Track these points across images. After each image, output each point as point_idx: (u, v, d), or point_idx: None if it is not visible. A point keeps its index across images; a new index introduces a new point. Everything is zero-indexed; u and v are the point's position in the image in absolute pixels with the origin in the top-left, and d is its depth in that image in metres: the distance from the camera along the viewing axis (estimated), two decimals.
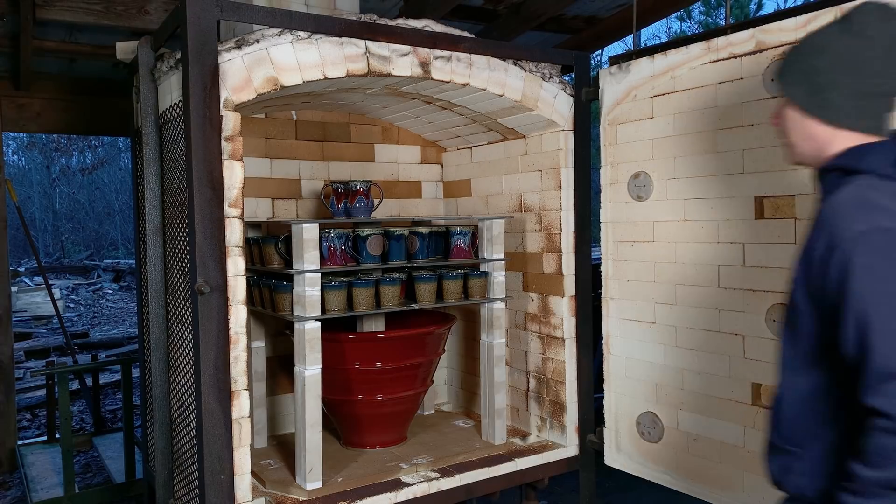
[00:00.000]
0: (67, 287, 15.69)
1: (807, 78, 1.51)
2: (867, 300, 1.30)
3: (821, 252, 1.38)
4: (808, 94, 1.51)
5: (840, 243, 1.34)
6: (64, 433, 3.98)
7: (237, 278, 2.39)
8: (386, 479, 2.90)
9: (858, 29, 1.45)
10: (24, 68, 4.67)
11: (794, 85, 1.54)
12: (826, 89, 1.48)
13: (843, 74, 1.46)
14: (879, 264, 1.30)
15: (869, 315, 1.29)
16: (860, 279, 1.31)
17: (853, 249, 1.32)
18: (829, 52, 1.48)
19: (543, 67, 3.07)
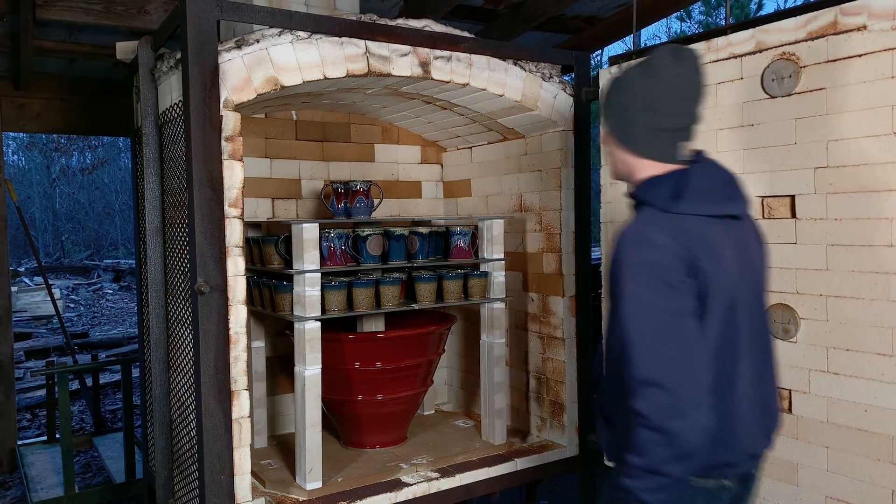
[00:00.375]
0: (67, 287, 15.69)
1: (616, 113, 1.74)
2: (629, 320, 1.56)
3: (610, 274, 1.64)
4: (618, 127, 1.75)
5: (620, 272, 1.59)
6: (64, 433, 3.98)
7: (237, 278, 2.39)
8: (386, 479, 2.90)
9: (655, 72, 1.67)
10: (24, 68, 4.67)
11: (608, 118, 1.77)
12: (629, 124, 1.72)
13: (642, 112, 1.69)
14: (641, 291, 1.56)
15: (630, 332, 1.55)
16: (625, 302, 1.57)
17: (626, 277, 1.57)
18: (632, 92, 1.70)
19: (543, 67, 3.07)
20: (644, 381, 1.53)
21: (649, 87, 1.67)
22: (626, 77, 1.72)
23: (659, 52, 1.68)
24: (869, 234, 2.15)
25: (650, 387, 1.52)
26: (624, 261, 1.59)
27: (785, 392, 2.40)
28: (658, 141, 1.70)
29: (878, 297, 2.14)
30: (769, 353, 1.79)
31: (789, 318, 2.37)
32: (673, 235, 1.59)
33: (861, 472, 2.21)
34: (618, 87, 1.74)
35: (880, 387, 2.15)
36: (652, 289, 1.55)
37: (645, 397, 1.52)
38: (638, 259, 1.57)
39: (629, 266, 1.58)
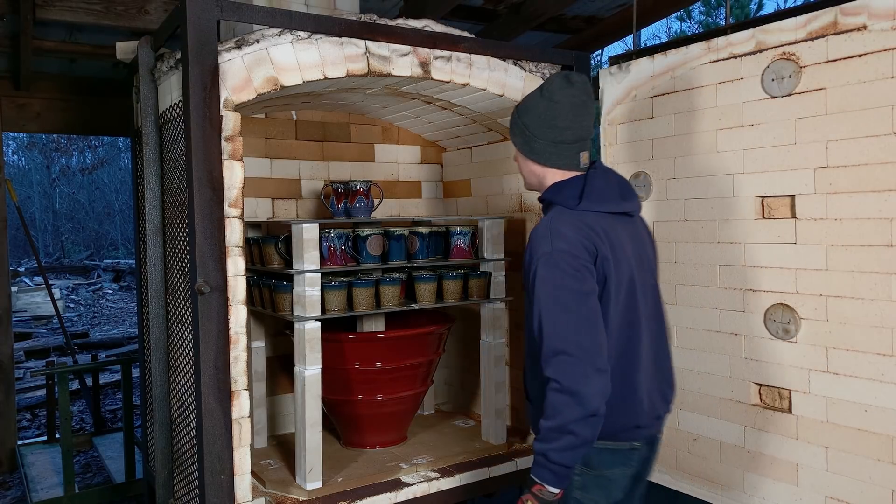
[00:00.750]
0: (67, 287, 15.69)
1: (521, 132, 2.02)
2: (542, 300, 1.80)
3: (526, 265, 1.89)
4: (524, 143, 2.02)
5: (533, 260, 1.85)
6: (64, 433, 3.98)
7: (237, 278, 2.39)
8: (386, 479, 2.90)
9: (549, 95, 1.95)
10: (24, 68, 4.67)
11: (515, 136, 2.04)
12: (533, 140, 1.99)
13: (542, 129, 1.97)
14: (552, 275, 1.80)
15: (542, 310, 1.79)
16: (539, 285, 1.81)
17: (538, 265, 1.82)
18: (532, 113, 1.98)
19: (543, 67, 3.07)
20: (555, 351, 1.76)
21: (547, 107, 1.95)
22: (527, 101, 2.01)
23: (552, 77, 1.98)
24: (869, 234, 2.15)
25: (560, 355, 1.75)
26: (536, 251, 1.85)
27: (785, 392, 2.40)
28: (559, 152, 1.97)
29: (878, 297, 2.14)
30: (664, 331, 2.09)
31: (789, 318, 2.37)
32: (578, 228, 1.87)
33: (861, 472, 2.21)
34: (521, 110, 2.02)
35: (880, 387, 2.15)
36: (561, 273, 1.81)
37: (555, 364, 1.75)
38: (548, 248, 1.83)
39: (541, 255, 1.83)
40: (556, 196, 1.97)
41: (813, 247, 2.30)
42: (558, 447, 1.74)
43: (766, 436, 2.47)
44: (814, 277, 2.30)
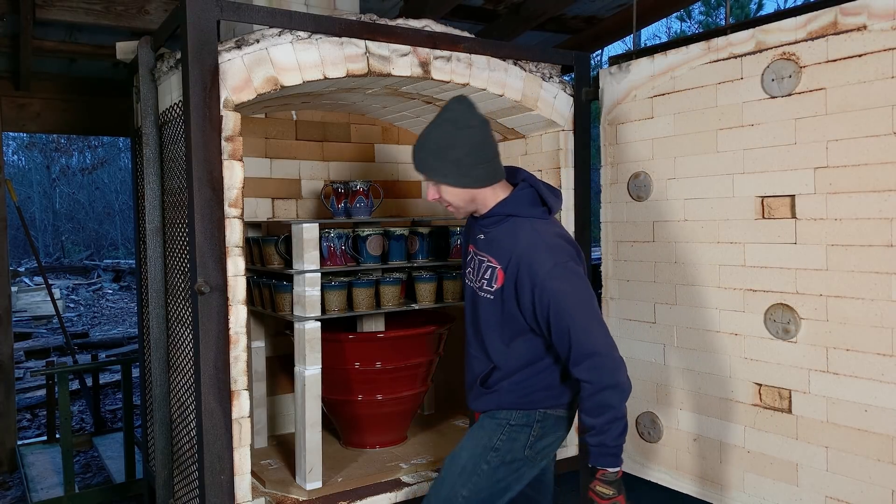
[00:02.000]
0: (67, 287, 15.68)
1: (455, 168, 2.06)
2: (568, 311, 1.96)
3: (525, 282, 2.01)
4: (462, 176, 2.07)
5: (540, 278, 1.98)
6: (64, 433, 3.98)
7: (237, 278, 2.39)
8: (386, 479, 2.90)
9: (465, 123, 2.05)
10: (24, 68, 4.67)
11: (447, 175, 2.08)
12: (472, 169, 2.06)
13: (477, 155, 2.05)
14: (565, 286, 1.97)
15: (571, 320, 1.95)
16: (559, 298, 1.96)
17: (549, 280, 1.97)
18: (460, 146, 2.04)
19: (543, 67, 3.07)
20: (588, 353, 1.94)
21: (470, 135, 2.04)
22: (445, 139, 2.05)
23: (452, 107, 2.07)
24: (869, 234, 2.15)
25: (594, 356, 1.94)
26: (539, 266, 1.98)
27: (785, 392, 2.40)
28: (493, 168, 2.10)
29: (878, 297, 2.14)
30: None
31: (789, 318, 2.38)
32: (562, 237, 2.08)
33: (861, 472, 2.21)
34: (444, 149, 2.05)
35: (880, 387, 2.15)
36: (572, 283, 1.99)
37: (591, 366, 1.94)
38: (552, 262, 1.98)
39: (549, 270, 1.97)
40: (521, 209, 2.10)
41: (813, 247, 2.30)
42: (614, 434, 1.95)
43: (766, 436, 2.47)
44: (814, 277, 2.30)
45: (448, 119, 2.06)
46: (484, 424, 2.20)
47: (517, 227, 2.08)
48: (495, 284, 2.09)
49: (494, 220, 2.13)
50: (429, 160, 2.09)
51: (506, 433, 2.14)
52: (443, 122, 2.07)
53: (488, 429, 2.17)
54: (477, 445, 2.16)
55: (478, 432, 2.19)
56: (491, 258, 2.12)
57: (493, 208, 2.13)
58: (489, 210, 2.13)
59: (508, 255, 2.06)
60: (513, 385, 2.14)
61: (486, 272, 2.13)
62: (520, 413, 2.15)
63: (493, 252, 2.12)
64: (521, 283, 2.02)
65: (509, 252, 2.06)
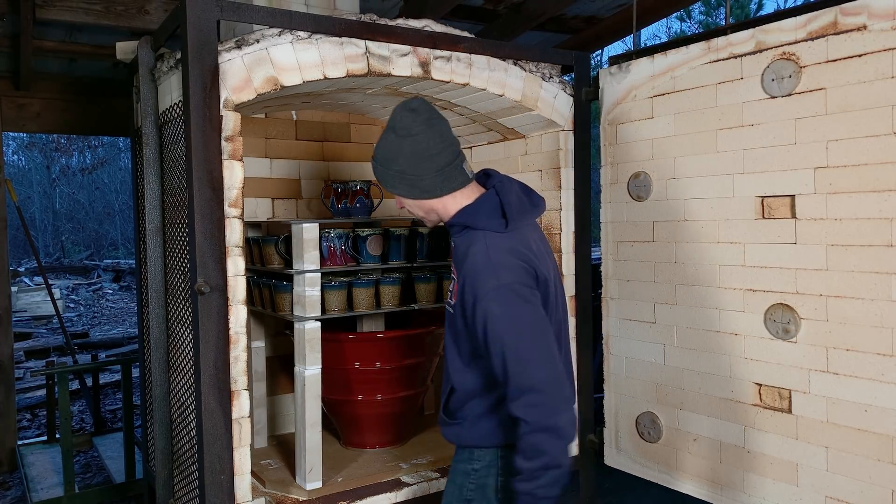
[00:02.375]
0: (67, 287, 15.68)
1: (400, 179, 1.93)
2: (501, 338, 1.76)
3: (469, 300, 1.83)
4: (410, 188, 1.93)
5: (479, 298, 1.79)
6: (64, 433, 3.98)
7: (237, 278, 2.39)
8: (386, 479, 2.90)
9: (406, 132, 1.89)
10: (24, 68, 4.67)
11: (396, 187, 1.95)
12: (419, 180, 1.91)
13: (419, 165, 1.89)
14: (505, 311, 1.77)
15: (504, 349, 1.75)
16: (494, 323, 1.77)
17: (488, 301, 1.78)
18: (401, 156, 1.90)
19: (543, 67, 3.07)
20: (523, 389, 1.73)
21: (413, 144, 1.89)
22: (386, 151, 1.92)
23: (395, 115, 1.93)
24: (869, 234, 2.15)
25: (530, 393, 1.73)
26: (480, 286, 1.80)
27: (785, 392, 2.40)
28: (447, 176, 1.92)
29: (878, 297, 2.14)
30: (568, 332, 2.11)
31: (789, 318, 2.38)
32: (516, 254, 1.85)
33: (861, 472, 2.21)
34: (386, 161, 1.93)
35: (880, 387, 2.15)
36: (514, 307, 1.78)
37: (527, 403, 1.73)
38: (494, 283, 1.79)
39: (488, 290, 1.79)
40: (476, 222, 1.91)
41: (813, 247, 2.30)
42: (545, 483, 1.74)
43: (766, 436, 2.47)
44: (814, 277, 2.30)
45: (391, 128, 1.93)
46: (453, 477, 2.09)
47: (471, 240, 1.91)
48: (453, 298, 1.96)
49: (455, 230, 1.98)
50: (378, 172, 1.98)
51: (473, 482, 2.02)
52: (387, 131, 1.94)
53: (457, 482, 2.06)
54: (451, 500, 2.06)
55: (450, 487, 2.09)
56: (454, 269, 1.99)
57: (452, 218, 1.97)
58: (450, 219, 1.99)
59: (460, 269, 1.91)
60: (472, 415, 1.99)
61: (451, 284, 2.02)
62: (481, 452, 2.00)
63: (455, 263, 1.98)
64: (466, 301, 1.85)
65: (461, 266, 1.91)
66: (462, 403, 1.99)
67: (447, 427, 2.06)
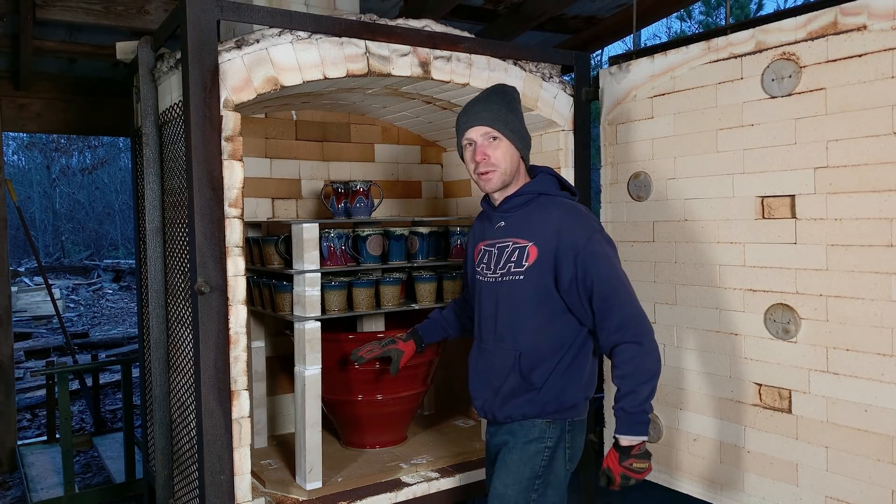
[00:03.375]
0: (67, 287, 15.68)
1: (521, 125, 2.17)
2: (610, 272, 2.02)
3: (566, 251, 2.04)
4: (521, 136, 2.16)
5: (584, 243, 2.03)
6: (64, 433, 3.98)
7: (237, 278, 2.39)
8: (386, 479, 2.90)
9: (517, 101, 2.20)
10: (24, 68, 4.67)
11: (514, 129, 2.14)
12: (526, 135, 2.19)
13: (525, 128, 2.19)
14: (607, 251, 2.06)
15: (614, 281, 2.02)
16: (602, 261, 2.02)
17: (593, 243, 2.03)
18: (519, 113, 2.18)
19: (543, 67, 3.07)
20: (633, 316, 2.00)
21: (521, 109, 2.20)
22: (507, 101, 2.14)
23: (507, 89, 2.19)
24: (869, 234, 2.15)
25: (638, 317, 2.00)
26: (582, 230, 2.05)
27: (785, 392, 2.40)
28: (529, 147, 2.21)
29: (878, 297, 2.14)
30: None
31: (789, 318, 2.38)
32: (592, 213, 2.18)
33: (861, 472, 2.21)
34: (515, 103, 2.17)
35: (880, 387, 2.15)
36: (612, 249, 2.10)
37: (637, 326, 1.99)
38: (594, 228, 2.08)
39: (591, 234, 2.05)
40: (551, 189, 2.18)
41: (813, 247, 2.30)
42: (650, 399, 1.98)
43: (766, 436, 2.47)
44: (814, 277, 2.30)
45: (501, 92, 2.17)
46: (517, 451, 2.14)
47: (549, 204, 2.13)
48: (526, 263, 2.08)
49: (522, 200, 2.15)
50: (501, 112, 2.12)
51: (545, 458, 2.12)
52: (498, 92, 2.17)
53: (526, 457, 2.13)
54: (520, 478, 2.11)
55: (515, 464, 2.13)
56: (517, 239, 2.12)
57: (521, 187, 2.16)
58: (518, 189, 2.16)
59: (542, 230, 2.08)
60: (546, 378, 2.10)
61: (513, 254, 2.12)
62: (553, 427, 2.12)
63: (519, 233, 2.13)
64: (562, 253, 2.03)
65: (544, 227, 2.08)
66: (536, 365, 2.11)
67: (519, 397, 2.12)
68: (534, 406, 2.12)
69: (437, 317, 2.67)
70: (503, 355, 2.14)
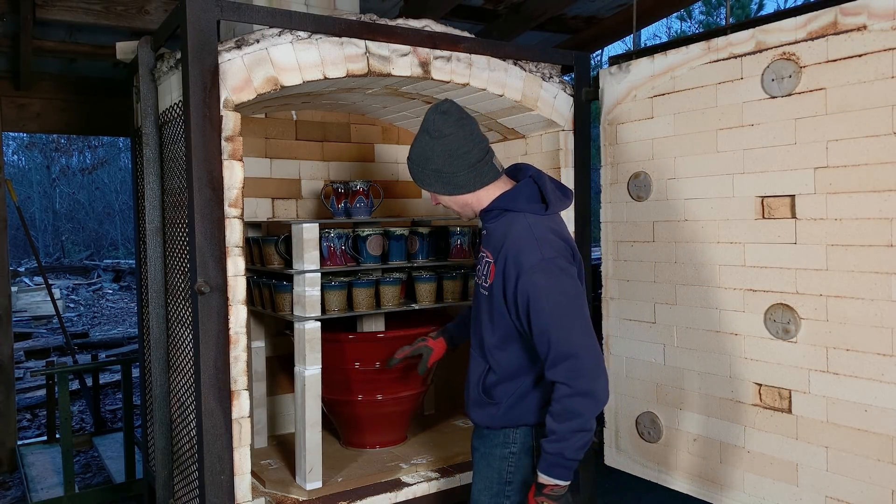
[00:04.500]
0: (67, 287, 15.68)
1: (437, 178, 2.08)
2: (546, 307, 1.89)
3: (511, 276, 1.96)
4: (444, 184, 2.08)
5: (524, 271, 1.93)
6: (64, 433, 3.98)
7: (237, 278, 2.39)
8: (386, 479, 2.90)
9: (438, 133, 2.03)
10: (24, 68, 4.67)
11: (432, 186, 2.10)
12: (453, 177, 2.06)
13: (455, 163, 2.04)
14: (549, 282, 1.91)
15: (548, 318, 1.89)
16: (539, 293, 1.90)
17: (533, 273, 1.92)
18: (436, 156, 2.05)
19: (543, 67, 3.07)
20: (565, 355, 1.86)
21: (445, 144, 2.03)
22: (421, 152, 2.06)
23: (427, 117, 2.06)
24: (869, 234, 2.15)
25: (570, 359, 1.86)
26: (525, 259, 1.94)
27: (785, 392, 2.40)
28: (480, 171, 2.07)
29: (878, 297, 2.14)
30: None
31: (789, 318, 2.37)
32: (554, 232, 2.03)
33: (861, 472, 2.21)
34: (421, 162, 2.08)
35: (880, 387, 2.15)
36: (557, 279, 1.92)
37: (567, 368, 1.86)
38: (539, 256, 1.94)
39: (534, 263, 1.93)
40: (517, 204, 2.06)
41: (813, 247, 2.30)
42: (574, 445, 1.87)
43: (766, 436, 2.47)
44: (814, 277, 2.30)
45: (424, 130, 2.07)
46: (488, 461, 2.19)
47: (511, 221, 2.06)
48: (489, 280, 2.08)
49: (493, 215, 2.11)
50: (414, 171, 2.13)
51: (512, 463, 2.13)
52: (421, 133, 2.08)
53: (494, 464, 2.17)
54: (491, 484, 2.16)
55: (485, 470, 2.19)
56: (488, 253, 2.11)
57: (492, 202, 2.11)
58: (489, 203, 2.12)
59: (499, 248, 2.04)
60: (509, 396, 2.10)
61: (485, 267, 2.12)
62: (516, 433, 2.13)
63: (489, 247, 2.11)
64: (508, 276, 1.98)
65: (500, 245, 2.04)
66: (498, 383, 2.10)
67: (482, 408, 2.15)
68: (493, 419, 2.14)
69: (467, 314, 2.63)
70: (476, 364, 2.18)
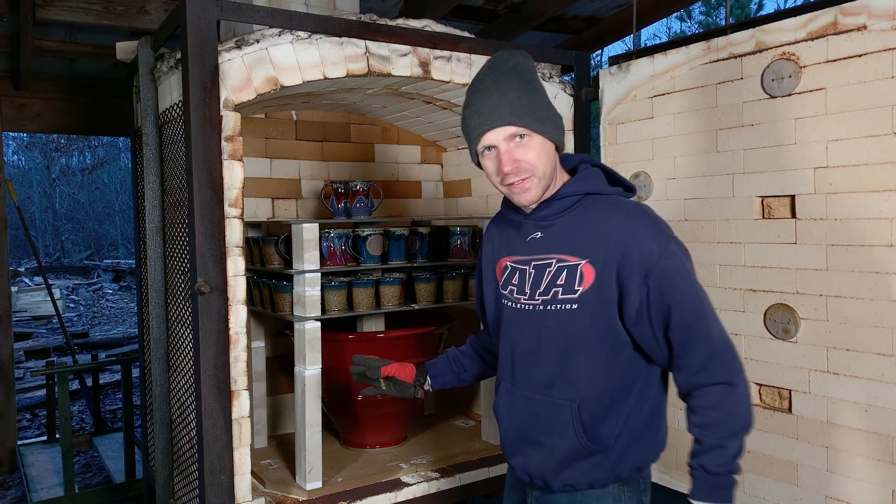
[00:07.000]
0: (67, 287, 15.68)
1: (549, 111, 1.63)
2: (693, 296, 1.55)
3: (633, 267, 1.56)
4: (553, 124, 1.63)
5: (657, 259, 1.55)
6: (64, 433, 3.98)
7: (237, 278, 2.39)
8: (386, 479, 2.90)
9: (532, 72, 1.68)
10: (24, 68, 4.67)
11: (543, 120, 1.61)
12: (556, 115, 1.66)
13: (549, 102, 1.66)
14: (686, 267, 1.58)
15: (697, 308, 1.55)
16: (681, 280, 1.55)
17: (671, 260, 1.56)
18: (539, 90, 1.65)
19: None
20: (724, 350, 1.56)
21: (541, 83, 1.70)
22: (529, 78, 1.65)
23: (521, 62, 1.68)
24: (869, 234, 2.15)
25: (729, 353, 1.57)
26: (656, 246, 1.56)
27: (785, 392, 2.40)
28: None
29: (878, 297, 2.14)
30: None
31: (789, 318, 2.37)
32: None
33: (861, 472, 2.21)
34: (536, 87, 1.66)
35: (880, 387, 2.15)
36: (690, 265, 1.60)
37: (729, 364, 1.56)
38: (670, 237, 1.61)
39: (667, 247, 1.57)
40: (602, 187, 1.68)
41: (813, 247, 2.30)
42: (737, 457, 1.59)
43: (766, 436, 2.47)
44: (814, 277, 2.30)
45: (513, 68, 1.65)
46: None
47: (603, 207, 1.63)
48: (580, 287, 1.60)
49: (565, 205, 1.66)
50: (523, 98, 1.60)
51: None
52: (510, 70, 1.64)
53: None
54: None
55: None
56: (564, 256, 1.63)
57: (562, 187, 1.66)
58: (557, 190, 1.66)
59: (599, 242, 1.59)
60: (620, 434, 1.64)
61: (560, 276, 1.63)
62: (627, 492, 1.68)
63: (566, 247, 1.63)
64: (628, 273, 1.56)
65: (599, 237, 1.60)
66: (601, 419, 1.63)
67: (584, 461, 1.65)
68: (603, 471, 1.65)
69: (453, 355, 2.16)
70: (553, 406, 1.65)
